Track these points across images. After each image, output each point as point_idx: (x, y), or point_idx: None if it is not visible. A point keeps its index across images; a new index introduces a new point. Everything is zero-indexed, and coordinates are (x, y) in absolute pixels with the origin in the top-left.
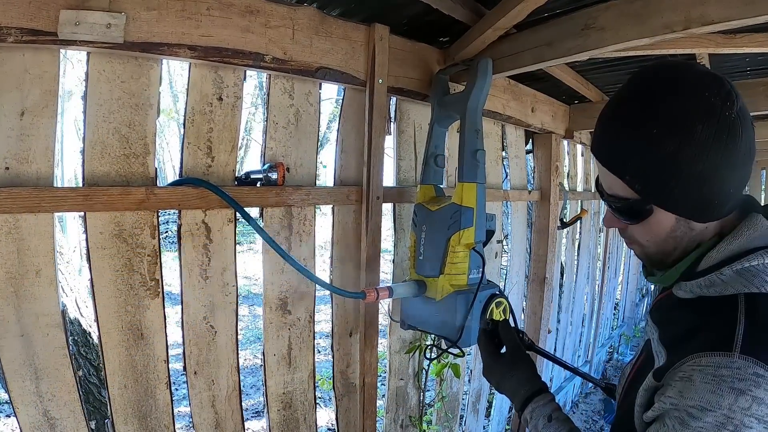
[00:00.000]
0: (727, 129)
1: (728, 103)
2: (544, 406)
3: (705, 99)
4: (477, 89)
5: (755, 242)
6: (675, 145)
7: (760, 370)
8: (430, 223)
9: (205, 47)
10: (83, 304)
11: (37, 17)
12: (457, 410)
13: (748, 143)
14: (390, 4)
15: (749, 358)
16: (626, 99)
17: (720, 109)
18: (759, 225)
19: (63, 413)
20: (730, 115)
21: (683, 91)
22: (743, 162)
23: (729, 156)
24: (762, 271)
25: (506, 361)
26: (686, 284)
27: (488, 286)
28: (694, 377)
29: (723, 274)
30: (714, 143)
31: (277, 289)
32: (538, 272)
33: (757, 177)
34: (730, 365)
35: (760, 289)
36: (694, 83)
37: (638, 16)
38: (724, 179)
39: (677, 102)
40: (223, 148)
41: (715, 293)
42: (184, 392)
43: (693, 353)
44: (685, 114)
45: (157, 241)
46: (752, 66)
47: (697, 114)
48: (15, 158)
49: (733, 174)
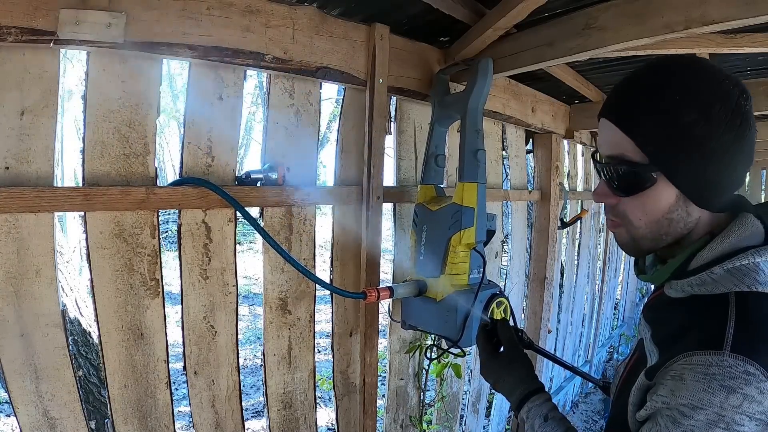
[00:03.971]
0: (740, 117)
1: (744, 95)
2: (540, 405)
3: (724, 85)
4: (477, 89)
5: (745, 241)
6: (693, 117)
7: (750, 368)
8: (431, 223)
9: (205, 47)
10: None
11: (37, 17)
12: (457, 410)
13: (752, 143)
14: (390, 4)
15: (739, 356)
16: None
17: (737, 98)
18: (749, 224)
19: (63, 413)
20: (745, 106)
21: (704, 73)
22: (746, 157)
23: (739, 143)
24: (752, 269)
25: (503, 360)
26: (677, 283)
27: (489, 286)
28: (685, 376)
29: (714, 273)
30: (728, 126)
31: (278, 289)
32: (538, 272)
33: (758, 177)
34: (720, 363)
35: (750, 287)
36: (713, 71)
37: (638, 16)
38: (729, 164)
39: (698, 80)
40: (223, 147)
41: (706, 292)
42: (184, 392)
43: (684, 352)
44: (705, 91)
45: (157, 240)
46: (752, 66)
47: (717, 95)
48: (15, 158)
49: (737, 162)
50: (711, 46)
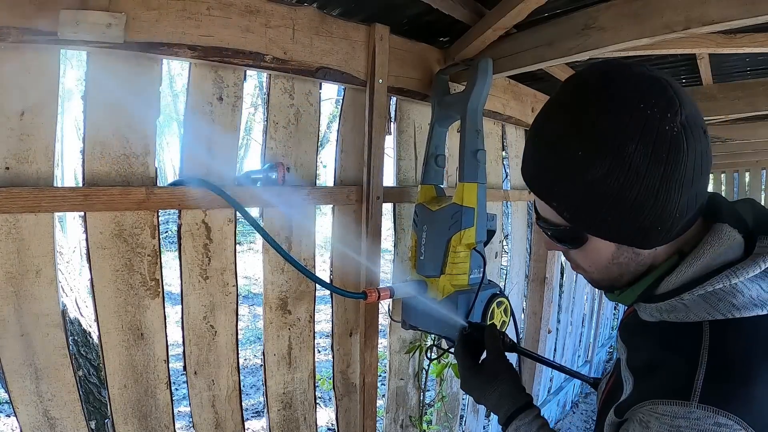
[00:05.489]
0: (667, 146)
1: (669, 114)
2: (530, 423)
3: (639, 112)
4: (477, 89)
5: (719, 258)
6: (604, 169)
7: (722, 419)
8: (431, 223)
9: (205, 47)
10: (83, 304)
11: (37, 17)
12: (457, 410)
13: (699, 157)
14: (390, 4)
15: (708, 407)
16: (552, 113)
17: (659, 123)
18: (724, 238)
19: (63, 413)
20: (671, 129)
21: (614, 103)
22: (693, 180)
23: (671, 177)
24: (728, 293)
25: (486, 372)
26: (646, 306)
27: (489, 286)
28: (651, 425)
29: (684, 299)
30: (651, 165)
31: (278, 289)
32: (538, 272)
33: (758, 177)
34: (687, 416)
35: (726, 315)
36: (627, 93)
37: (638, 16)
38: (666, 204)
39: (606, 118)
40: (223, 148)
41: (676, 319)
42: (184, 392)
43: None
44: (614, 132)
45: (157, 241)
46: (752, 66)
47: (629, 131)
48: (15, 158)
49: (679, 195)
50: (711, 46)
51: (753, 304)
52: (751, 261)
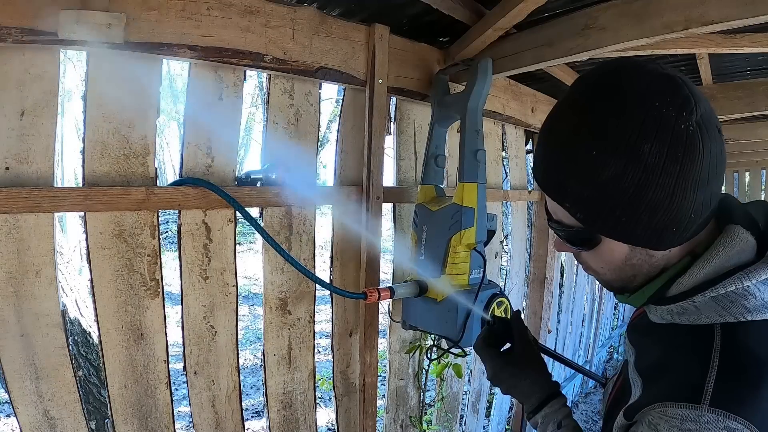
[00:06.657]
0: (683, 145)
1: (684, 113)
2: (556, 411)
3: (654, 111)
4: (477, 89)
5: (733, 260)
6: (618, 169)
7: (732, 423)
8: (431, 224)
9: (205, 47)
10: (83, 304)
11: (37, 17)
12: (457, 410)
13: (714, 156)
14: (390, 4)
15: (719, 410)
16: (565, 112)
17: (674, 122)
18: (736, 240)
19: (63, 413)
20: (687, 128)
21: (628, 102)
22: (708, 179)
23: (687, 177)
24: (741, 295)
25: (517, 361)
26: (656, 308)
27: (489, 286)
28: (661, 428)
29: (696, 302)
30: (667, 164)
31: (278, 289)
32: (538, 272)
33: (758, 177)
34: (697, 419)
35: (738, 318)
36: (641, 91)
37: (638, 16)
38: (682, 204)
39: (620, 117)
40: (223, 148)
41: (687, 322)
42: (184, 392)
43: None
44: (629, 132)
45: (157, 241)
46: (752, 66)
47: (644, 130)
48: (15, 158)
49: (694, 195)
50: (711, 46)
51: (765, 307)
52: (764, 263)
